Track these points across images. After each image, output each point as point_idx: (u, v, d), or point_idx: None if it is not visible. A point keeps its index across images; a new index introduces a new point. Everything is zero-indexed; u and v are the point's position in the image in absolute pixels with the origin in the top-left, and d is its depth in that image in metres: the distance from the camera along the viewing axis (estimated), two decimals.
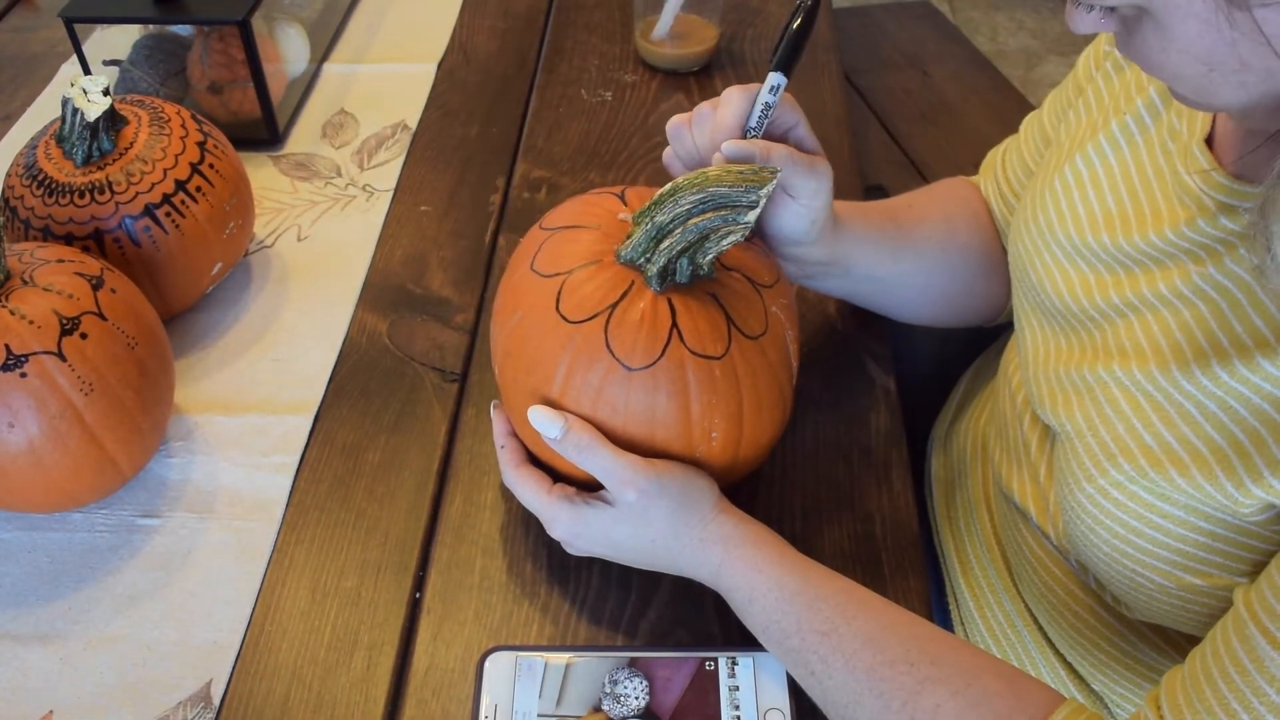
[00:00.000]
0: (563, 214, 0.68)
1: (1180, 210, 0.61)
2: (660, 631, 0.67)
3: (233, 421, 0.79)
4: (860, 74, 1.61)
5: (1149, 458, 0.58)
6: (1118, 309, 0.64)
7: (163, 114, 0.82)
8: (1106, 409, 0.62)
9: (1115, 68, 0.71)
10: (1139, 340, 0.62)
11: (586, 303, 0.62)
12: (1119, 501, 0.60)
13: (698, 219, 0.60)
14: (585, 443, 0.61)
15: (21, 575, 0.70)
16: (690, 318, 0.62)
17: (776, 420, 0.67)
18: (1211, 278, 0.58)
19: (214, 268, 0.84)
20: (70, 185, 0.77)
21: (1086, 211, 0.68)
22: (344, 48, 1.19)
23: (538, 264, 0.65)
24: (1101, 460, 0.61)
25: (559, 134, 1.06)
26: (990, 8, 2.96)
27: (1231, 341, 0.56)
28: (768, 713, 0.62)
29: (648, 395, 0.61)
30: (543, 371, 0.62)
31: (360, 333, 0.86)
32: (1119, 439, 0.60)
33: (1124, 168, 0.66)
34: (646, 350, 0.61)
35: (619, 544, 0.64)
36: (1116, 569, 0.62)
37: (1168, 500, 0.57)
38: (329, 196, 0.99)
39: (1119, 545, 0.61)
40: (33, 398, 0.64)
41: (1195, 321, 0.58)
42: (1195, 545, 0.57)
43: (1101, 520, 0.61)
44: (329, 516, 0.74)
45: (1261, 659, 0.49)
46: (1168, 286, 0.61)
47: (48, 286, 0.67)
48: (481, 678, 0.64)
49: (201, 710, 0.64)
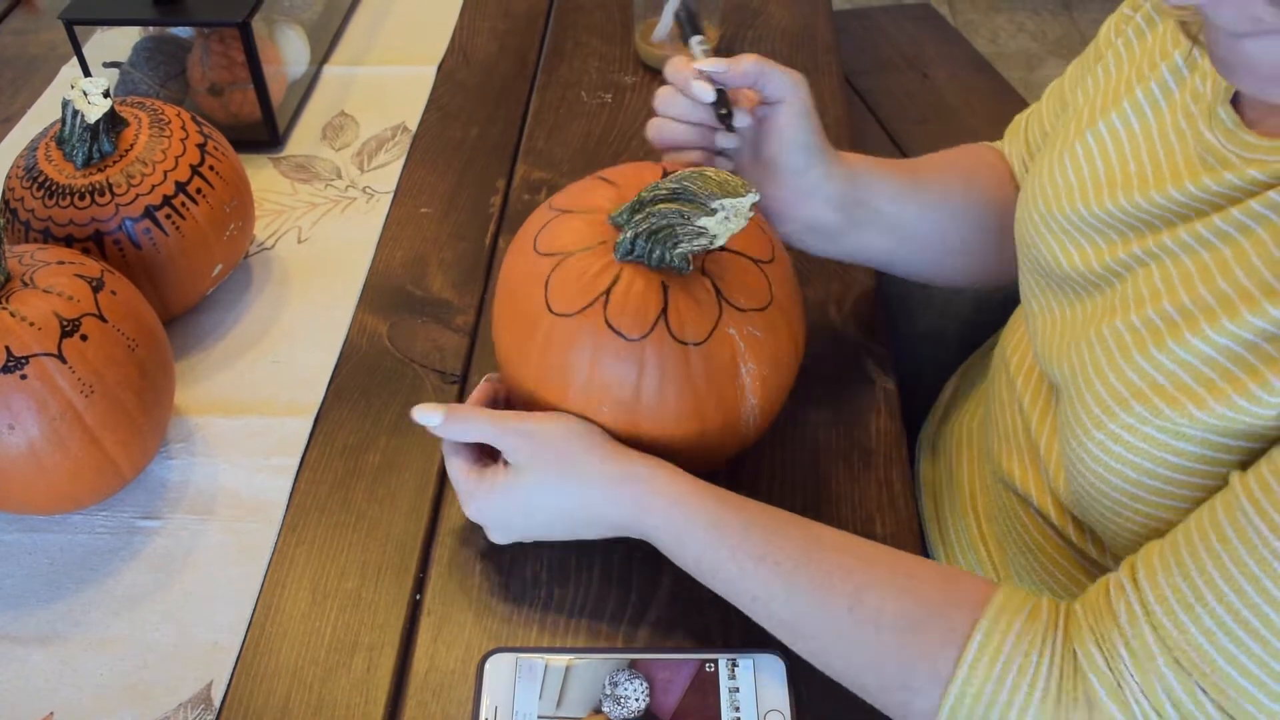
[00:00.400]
0: (569, 196, 0.70)
1: (1201, 167, 0.60)
2: (660, 633, 0.67)
3: (233, 423, 0.79)
4: (860, 75, 1.61)
5: (1163, 396, 0.57)
6: (1134, 261, 0.63)
7: (163, 116, 0.82)
8: (1117, 356, 0.61)
9: (1137, 33, 0.71)
10: (1155, 285, 0.60)
11: (579, 292, 0.64)
12: (1130, 444, 0.59)
13: (662, 206, 0.62)
14: (463, 415, 0.64)
15: (22, 577, 0.70)
16: (678, 297, 0.64)
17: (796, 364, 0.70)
18: (1235, 219, 0.57)
19: (214, 269, 0.84)
20: (70, 187, 0.77)
21: (1107, 178, 0.67)
22: (344, 50, 1.19)
23: (540, 245, 0.66)
24: (1111, 406, 0.60)
25: (559, 136, 1.06)
26: (990, 10, 2.96)
27: (1253, 283, 0.54)
28: (768, 714, 0.62)
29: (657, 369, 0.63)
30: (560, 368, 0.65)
31: (360, 334, 0.86)
32: (1129, 383, 0.59)
33: (1146, 133, 0.66)
34: (638, 323, 0.63)
35: (523, 502, 0.64)
36: (1124, 519, 0.61)
37: (1182, 437, 0.56)
38: (329, 198, 0.99)
39: (1130, 490, 0.60)
40: (33, 399, 0.64)
41: (1215, 263, 0.57)
42: (1207, 476, 0.56)
43: (1113, 468, 0.60)
44: (329, 518, 0.74)
45: (1245, 529, 0.49)
46: (1189, 233, 0.60)
47: (48, 288, 0.67)
48: (482, 679, 0.64)
49: (202, 712, 0.64)
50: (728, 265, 0.66)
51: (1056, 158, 0.72)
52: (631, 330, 0.63)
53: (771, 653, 0.64)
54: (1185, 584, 0.50)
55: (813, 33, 1.20)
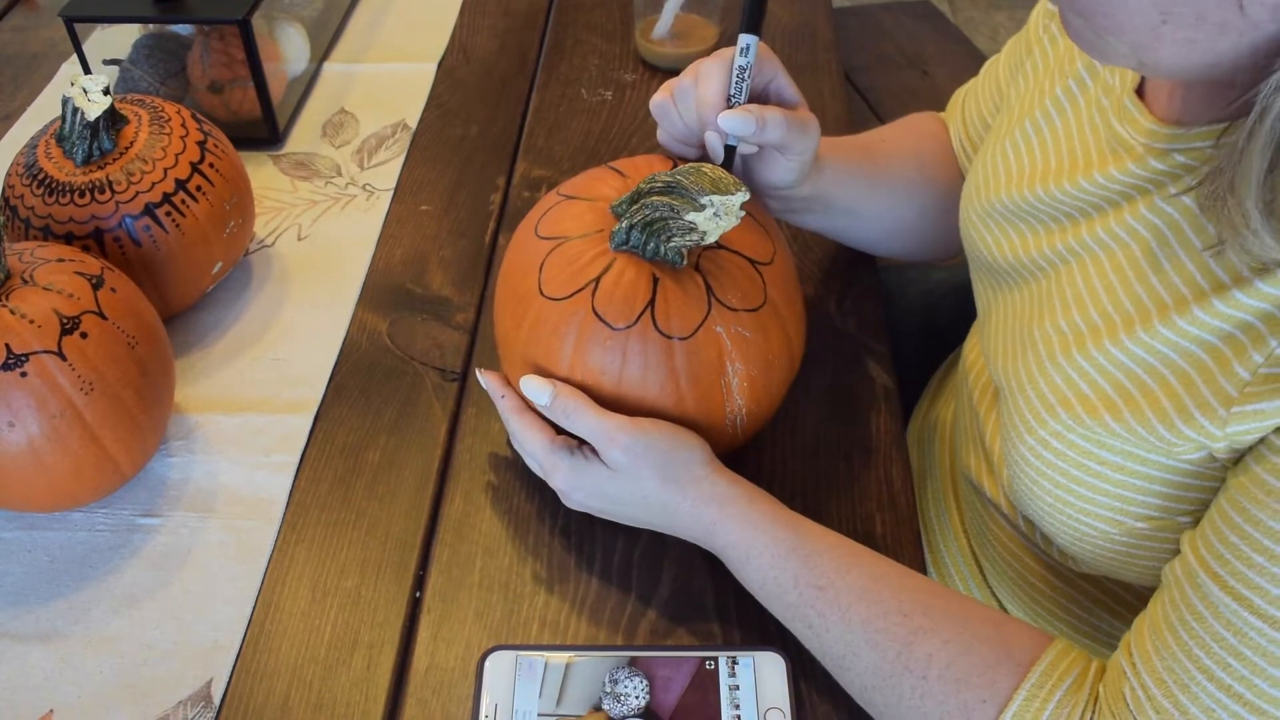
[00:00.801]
0: (575, 185, 0.70)
1: (1110, 157, 0.62)
2: (660, 631, 0.67)
3: (233, 421, 0.79)
4: (860, 73, 1.61)
5: (1085, 405, 0.59)
6: (1057, 257, 0.66)
7: (163, 113, 0.82)
8: (1046, 362, 0.63)
9: (1061, 30, 0.72)
10: (1078, 288, 0.63)
11: (568, 279, 0.65)
12: (1059, 451, 0.61)
13: (657, 198, 0.62)
14: (572, 406, 0.64)
15: (22, 575, 0.70)
16: (667, 289, 0.64)
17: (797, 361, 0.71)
18: (1143, 217, 0.59)
19: (214, 267, 0.84)
20: (70, 184, 0.77)
21: (1030, 169, 0.69)
22: (344, 47, 1.19)
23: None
24: (1040, 412, 0.62)
25: (559, 133, 1.06)
26: (990, 7, 2.96)
27: (1164, 288, 0.56)
28: (768, 712, 0.62)
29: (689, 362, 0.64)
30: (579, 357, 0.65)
31: (360, 332, 0.86)
32: (1056, 389, 0.61)
33: (1065, 128, 0.68)
34: (625, 312, 0.64)
35: (614, 498, 0.65)
36: (1061, 520, 0.63)
37: (1104, 447, 0.58)
38: (329, 196, 0.99)
39: (1062, 495, 0.61)
40: (33, 397, 0.64)
41: (1129, 264, 0.59)
42: (1135, 490, 0.58)
43: (1044, 472, 0.62)
44: (329, 516, 0.74)
45: (1215, 605, 0.50)
46: (1104, 229, 0.62)
47: (48, 286, 0.67)
48: (482, 677, 0.64)
49: (202, 709, 0.64)
50: (724, 264, 0.66)
51: (990, 155, 0.74)
52: (617, 319, 0.63)
53: (772, 650, 0.64)
54: (1176, 665, 0.51)
55: (813, 30, 1.20)
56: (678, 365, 0.64)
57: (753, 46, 0.68)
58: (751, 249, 0.68)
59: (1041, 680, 0.55)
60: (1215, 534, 0.51)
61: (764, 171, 0.73)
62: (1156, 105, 0.60)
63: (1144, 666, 0.52)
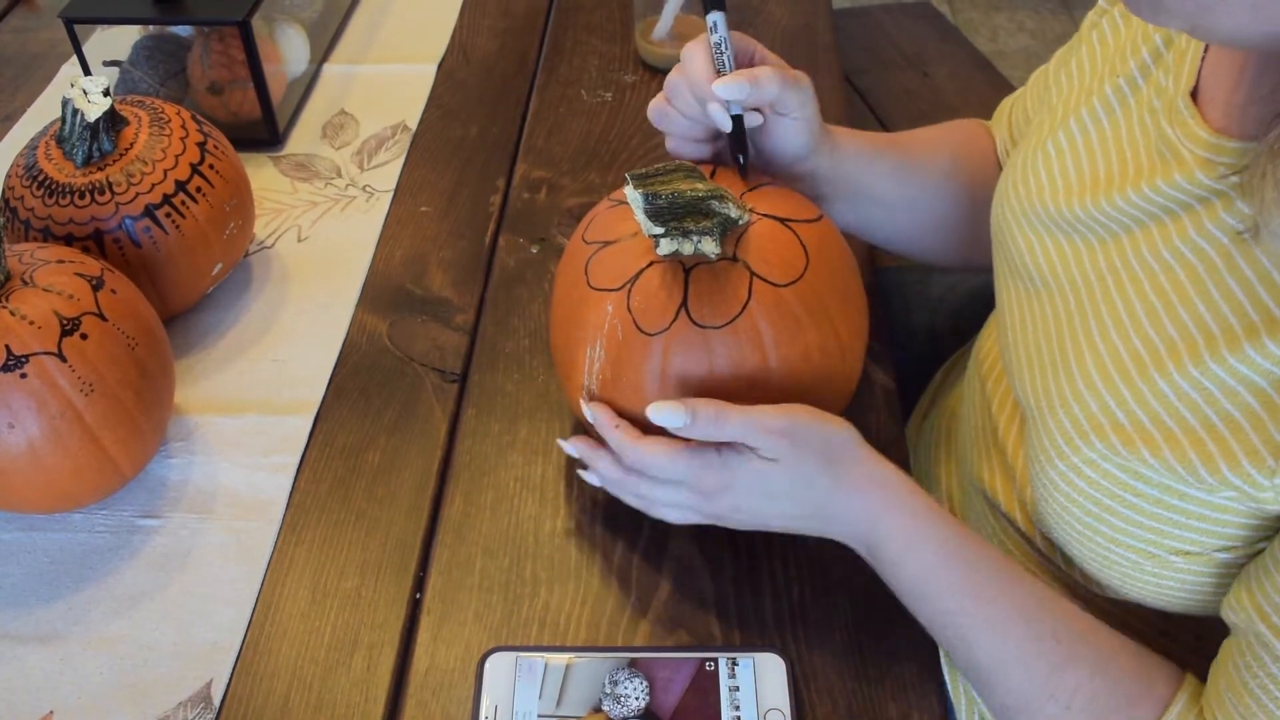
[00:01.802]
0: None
1: (1159, 166, 0.60)
2: (660, 632, 0.67)
3: (233, 422, 0.79)
4: (860, 74, 1.61)
5: (1121, 435, 0.58)
6: (1097, 275, 0.63)
7: (163, 115, 0.82)
8: (1079, 384, 0.61)
9: (1111, 27, 0.71)
10: (1118, 312, 0.61)
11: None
12: (1092, 480, 0.59)
13: (672, 187, 0.62)
14: (715, 413, 0.60)
15: (22, 576, 0.70)
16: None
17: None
18: (1191, 240, 0.57)
19: (214, 268, 0.84)
20: (70, 186, 0.77)
21: (1077, 178, 0.67)
22: (344, 48, 1.19)
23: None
24: (1074, 437, 0.60)
25: (559, 134, 1.06)
26: (990, 8, 2.96)
27: (1213, 319, 0.55)
28: (768, 713, 0.62)
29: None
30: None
31: (360, 333, 0.86)
32: (1092, 416, 0.59)
33: (1115, 131, 0.66)
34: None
35: (773, 493, 0.62)
36: (1090, 547, 0.62)
37: (1140, 478, 0.57)
38: (329, 197, 0.99)
39: (1092, 524, 0.60)
40: (33, 398, 0.64)
41: (1173, 289, 0.57)
42: (1171, 524, 0.57)
43: (1074, 499, 0.61)
44: (329, 517, 0.74)
45: None
46: (1149, 249, 0.60)
47: (48, 287, 0.67)
48: (481, 678, 0.64)
49: (201, 710, 0.64)
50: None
51: (1030, 154, 0.72)
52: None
53: (771, 652, 0.64)
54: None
55: (812, 31, 1.20)
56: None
57: (719, 21, 0.70)
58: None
59: (1181, 718, 0.55)
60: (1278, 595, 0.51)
61: (775, 143, 0.71)
62: (1212, 112, 0.58)
63: None
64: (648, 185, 0.61)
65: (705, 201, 0.62)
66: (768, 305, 0.63)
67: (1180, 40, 0.62)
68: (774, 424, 0.60)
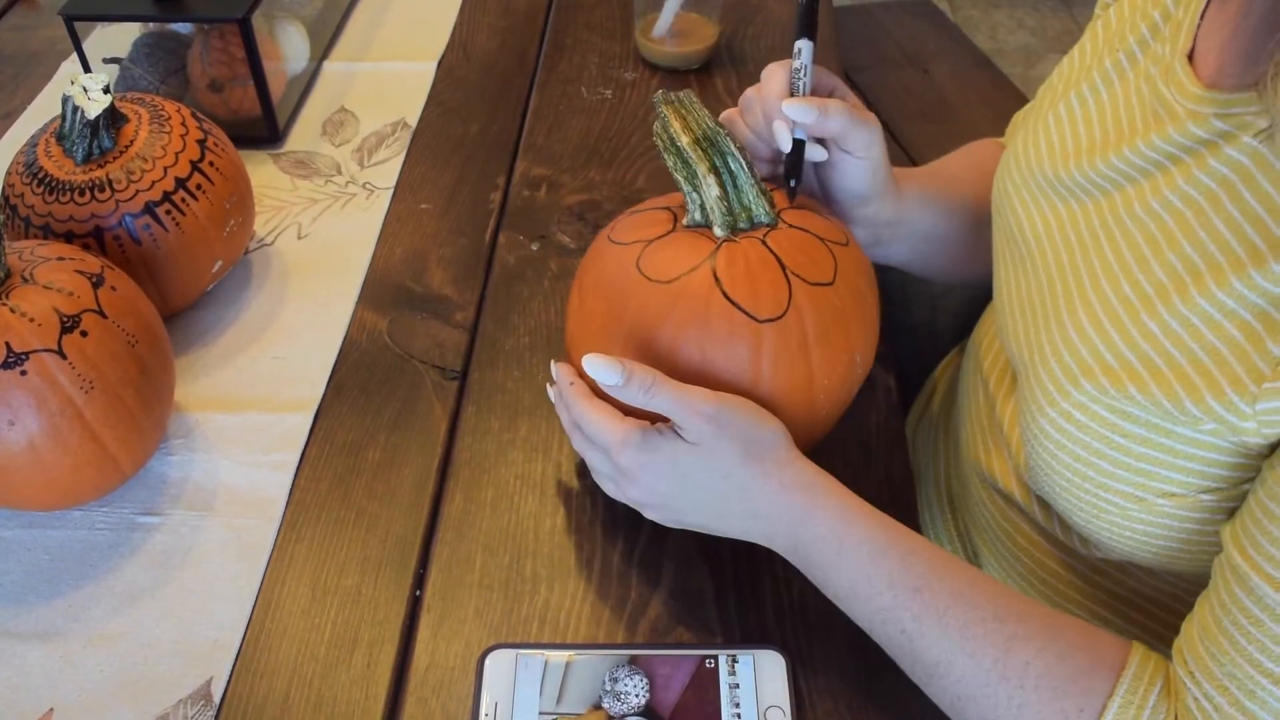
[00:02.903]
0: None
1: (1153, 124, 0.62)
2: (660, 629, 0.67)
3: (233, 419, 0.79)
4: (860, 71, 1.61)
5: (1109, 376, 0.59)
6: (1090, 233, 0.65)
7: (163, 112, 0.82)
8: (1071, 333, 0.62)
9: (1117, 14, 0.72)
10: (1108, 262, 0.62)
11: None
12: (1081, 424, 0.60)
13: (714, 156, 0.64)
14: (649, 381, 0.60)
15: (21, 573, 0.70)
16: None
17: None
18: (1179, 188, 0.59)
19: (214, 265, 0.84)
20: (70, 183, 0.77)
21: (1074, 144, 0.69)
22: (344, 46, 1.19)
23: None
24: (1064, 384, 0.61)
25: (559, 132, 1.06)
26: (990, 6, 2.96)
27: (1200, 257, 0.56)
28: (768, 710, 0.62)
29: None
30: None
31: (360, 330, 0.86)
32: (1081, 361, 0.61)
33: (1113, 98, 0.67)
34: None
35: (687, 478, 0.62)
36: (1080, 496, 0.62)
37: (1128, 418, 0.58)
38: (329, 194, 0.99)
39: (1081, 470, 0.61)
40: (33, 396, 0.64)
41: (1163, 236, 0.59)
42: (1157, 464, 0.58)
43: (1064, 445, 0.61)
44: (329, 514, 0.74)
45: (1271, 607, 0.50)
46: (1140, 203, 0.61)
47: (48, 284, 0.67)
48: (482, 675, 0.64)
49: (202, 708, 0.64)
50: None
51: (1032, 128, 0.74)
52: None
53: (772, 649, 0.64)
54: (1238, 671, 0.51)
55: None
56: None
57: (805, 49, 0.70)
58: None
59: (1134, 685, 0.55)
60: (1261, 533, 0.51)
61: (838, 178, 0.72)
62: (1205, 70, 0.59)
63: (1202, 674, 0.52)
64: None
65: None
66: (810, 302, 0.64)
67: (1178, 12, 0.64)
68: (703, 406, 0.60)
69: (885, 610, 0.59)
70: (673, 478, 0.63)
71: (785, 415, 0.64)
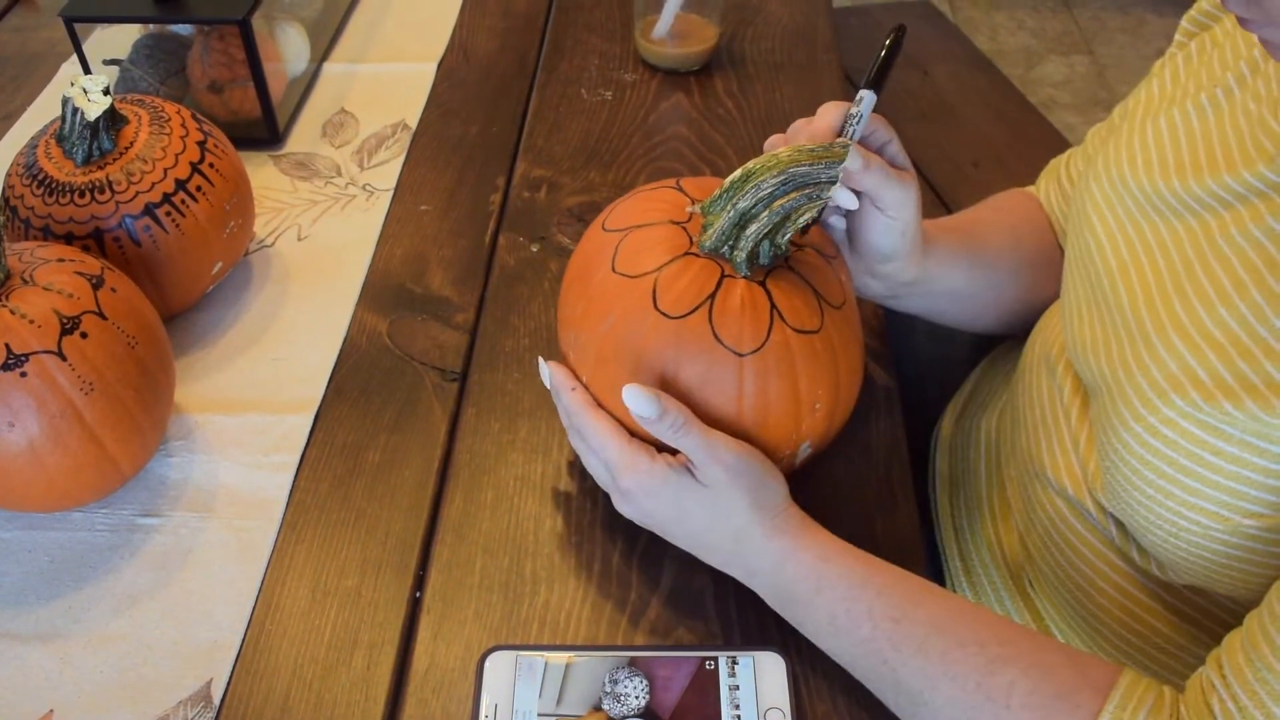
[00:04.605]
0: (625, 214, 0.68)
1: (1257, 154, 0.61)
2: (660, 631, 0.67)
3: (233, 421, 0.79)
4: (860, 73, 1.61)
5: (1201, 391, 0.58)
6: (1183, 256, 0.64)
7: (163, 113, 0.82)
8: (1161, 351, 0.61)
9: (1199, 48, 0.72)
10: (1201, 284, 0.61)
11: (685, 297, 0.63)
12: (1169, 439, 0.59)
13: (781, 200, 0.61)
14: (681, 422, 0.61)
15: (21, 574, 0.70)
16: (785, 297, 0.63)
17: (859, 382, 0.69)
18: (1268, 225, 0.58)
19: (214, 267, 0.84)
20: (70, 184, 0.77)
21: (1175, 159, 0.67)
22: (344, 47, 1.19)
23: (620, 266, 0.65)
24: (1152, 398, 0.60)
25: (559, 133, 1.06)
26: (990, 7, 2.96)
27: None
28: (768, 712, 0.62)
29: (759, 377, 0.62)
30: (648, 370, 0.63)
31: (360, 332, 0.86)
32: (1171, 376, 0.60)
33: (1205, 128, 0.67)
34: (753, 335, 0.62)
35: (689, 514, 0.64)
36: (1159, 516, 0.61)
37: (1221, 436, 0.57)
38: (329, 196, 0.99)
39: (1165, 487, 0.60)
40: (33, 397, 0.64)
41: (1264, 262, 0.58)
42: (1247, 483, 0.57)
43: (1148, 460, 0.60)
44: (329, 516, 0.74)
45: None
46: (1238, 228, 0.60)
47: (48, 286, 0.67)
48: (481, 677, 0.64)
49: (202, 709, 0.64)
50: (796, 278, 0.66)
51: (1125, 141, 0.72)
52: (739, 342, 0.62)
53: (772, 650, 0.64)
54: (1270, 675, 0.50)
55: (812, 30, 1.20)
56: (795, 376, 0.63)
57: (866, 100, 0.69)
58: (820, 245, 0.68)
59: (1123, 702, 0.54)
60: None
61: (865, 232, 0.71)
62: None
63: (1235, 678, 0.52)
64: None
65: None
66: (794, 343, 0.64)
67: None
68: (725, 454, 0.62)
69: (866, 642, 0.60)
70: (673, 510, 0.64)
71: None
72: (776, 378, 0.63)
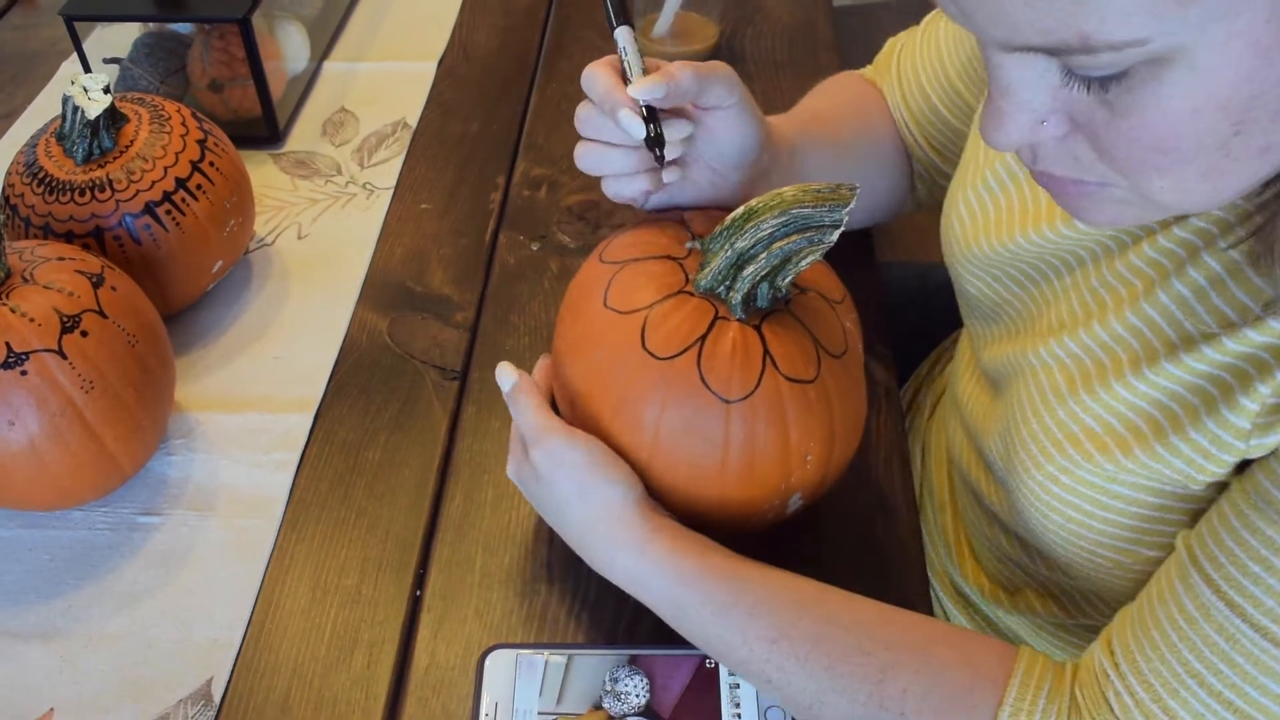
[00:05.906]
0: (623, 246, 0.65)
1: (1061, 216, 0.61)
2: (661, 629, 0.67)
3: (233, 419, 0.79)
4: None
5: (1094, 441, 0.57)
6: (1053, 295, 0.64)
7: (163, 112, 0.82)
8: (1049, 394, 0.60)
9: None
10: (1074, 311, 0.61)
11: (674, 337, 0.59)
12: (1068, 486, 0.59)
13: (781, 242, 0.57)
14: (522, 399, 0.62)
15: (22, 573, 0.70)
16: (780, 343, 0.60)
17: (859, 434, 0.65)
18: (1145, 255, 0.57)
19: (214, 266, 0.84)
20: (71, 183, 0.77)
21: (1009, 212, 0.67)
22: (344, 46, 1.19)
23: (611, 300, 0.62)
24: (1048, 447, 0.60)
25: (559, 132, 1.06)
26: None
27: (1170, 326, 0.54)
28: (768, 710, 0.62)
29: (747, 425, 0.59)
30: (631, 411, 0.60)
31: (360, 330, 0.86)
32: (1061, 424, 0.59)
33: (1019, 189, 0.66)
34: (743, 381, 0.59)
35: (538, 498, 0.63)
36: (1072, 551, 0.61)
37: (1115, 481, 0.56)
38: (329, 194, 0.99)
39: (1073, 529, 0.60)
40: (33, 396, 0.64)
41: (1129, 300, 0.57)
42: (1148, 520, 0.56)
43: (1053, 505, 0.60)
44: (329, 514, 0.74)
45: (1207, 608, 0.49)
46: (1110, 271, 0.59)
47: (48, 284, 0.67)
48: (482, 675, 0.64)
49: (202, 708, 0.64)
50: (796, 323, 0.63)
51: (963, 195, 0.71)
52: (736, 393, 0.59)
53: None
54: (1165, 669, 0.50)
55: (813, 29, 1.19)
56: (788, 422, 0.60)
57: (622, 34, 0.67)
58: (826, 289, 0.65)
59: (1020, 693, 0.54)
60: (1212, 536, 0.50)
61: (718, 142, 0.66)
62: None
63: (1129, 667, 0.52)
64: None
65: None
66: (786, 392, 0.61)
67: None
68: (546, 438, 0.60)
69: (745, 664, 0.58)
70: (541, 499, 0.63)
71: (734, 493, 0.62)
72: (766, 427, 0.59)
